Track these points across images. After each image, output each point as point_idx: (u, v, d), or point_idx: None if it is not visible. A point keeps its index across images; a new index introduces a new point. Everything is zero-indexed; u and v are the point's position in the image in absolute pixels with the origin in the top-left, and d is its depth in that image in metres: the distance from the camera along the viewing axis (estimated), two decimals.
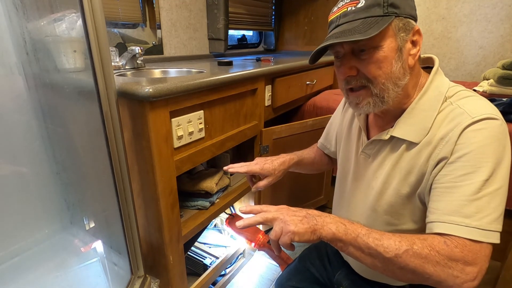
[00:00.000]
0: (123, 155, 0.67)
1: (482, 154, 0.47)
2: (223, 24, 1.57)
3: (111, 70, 0.61)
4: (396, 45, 0.53)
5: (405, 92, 0.57)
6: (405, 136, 0.57)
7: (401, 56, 0.53)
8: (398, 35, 0.52)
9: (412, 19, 0.54)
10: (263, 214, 0.53)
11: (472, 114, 0.49)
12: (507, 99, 1.32)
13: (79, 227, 0.98)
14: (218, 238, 1.42)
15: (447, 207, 0.48)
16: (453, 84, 0.58)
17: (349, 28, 0.52)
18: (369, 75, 0.54)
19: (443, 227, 0.48)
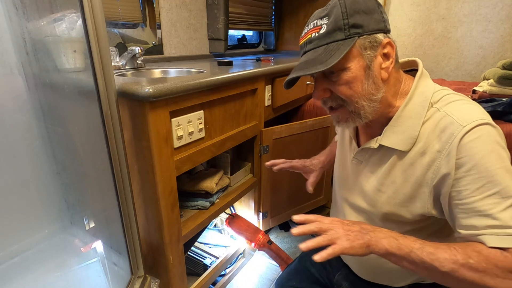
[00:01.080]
0: (123, 155, 0.67)
1: (489, 163, 0.47)
2: (223, 24, 1.57)
3: (111, 70, 0.61)
4: (364, 63, 0.53)
5: (385, 103, 0.57)
6: (393, 145, 0.57)
7: (371, 73, 0.54)
8: (365, 54, 0.53)
9: (380, 32, 0.53)
10: (318, 224, 0.52)
11: (462, 122, 0.49)
12: (507, 99, 1.32)
13: (79, 227, 0.98)
14: (218, 238, 1.42)
15: (480, 221, 0.48)
16: (438, 87, 0.57)
17: (312, 58, 0.53)
18: (342, 96, 0.55)
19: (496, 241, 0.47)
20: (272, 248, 1.24)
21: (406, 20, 2.53)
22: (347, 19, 0.52)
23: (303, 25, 2.24)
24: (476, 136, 0.48)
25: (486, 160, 0.47)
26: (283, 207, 1.47)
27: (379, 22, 0.53)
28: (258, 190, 1.32)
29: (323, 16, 0.54)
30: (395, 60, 0.55)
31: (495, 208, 0.47)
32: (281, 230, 1.67)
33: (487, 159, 0.47)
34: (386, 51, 0.54)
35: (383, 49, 0.53)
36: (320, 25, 0.54)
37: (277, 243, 1.41)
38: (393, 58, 0.54)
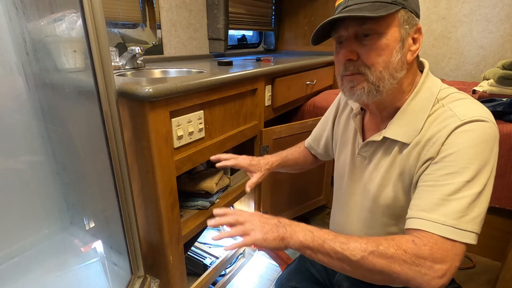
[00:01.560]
0: (123, 155, 0.67)
1: (466, 155, 0.47)
2: (223, 24, 1.57)
3: (111, 70, 0.61)
4: (399, 35, 0.53)
5: (400, 86, 0.57)
6: (396, 136, 0.57)
7: (402, 48, 0.53)
8: (402, 27, 0.53)
9: (416, 15, 0.55)
10: (235, 216, 0.54)
11: (461, 116, 0.50)
12: (507, 99, 1.32)
13: (79, 227, 0.98)
14: None
15: (425, 204, 0.49)
16: (445, 85, 0.58)
17: (358, 8, 0.52)
18: (368, 61, 0.54)
19: (417, 223, 0.48)
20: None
21: None
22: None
23: (303, 25, 2.24)
24: (468, 129, 0.48)
25: (466, 151, 0.48)
26: (283, 207, 1.47)
27: (417, 6, 0.55)
28: (258, 190, 1.32)
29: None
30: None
31: (443, 196, 0.47)
32: None
33: (467, 151, 0.47)
34: (417, 36, 0.55)
35: (415, 33, 0.55)
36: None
37: None
38: (420, 45, 0.55)
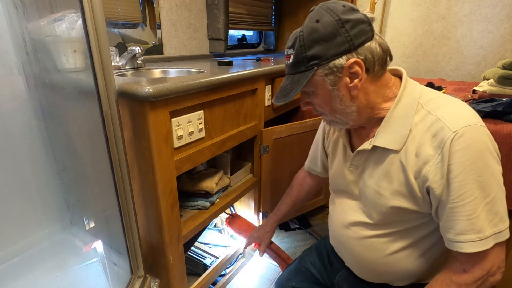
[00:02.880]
0: (123, 155, 0.67)
1: (473, 172, 0.50)
2: (223, 24, 1.57)
3: (111, 70, 0.61)
4: (328, 87, 0.57)
5: (369, 109, 0.59)
6: (385, 144, 0.58)
7: (337, 94, 0.57)
8: (327, 79, 0.56)
9: (342, 55, 0.54)
10: None
11: (452, 127, 0.51)
12: (507, 99, 1.32)
13: (79, 227, 0.98)
14: (218, 238, 1.42)
15: (458, 226, 0.53)
16: (425, 89, 0.59)
17: (283, 87, 0.61)
18: (319, 111, 0.63)
19: (462, 246, 0.53)
20: (272, 248, 1.24)
21: (406, 20, 2.53)
22: (305, 52, 0.55)
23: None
24: (465, 145, 0.50)
25: (471, 168, 0.50)
26: None
27: (341, 44, 0.53)
28: (258, 190, 1.32)
29: (290, 46, 0.58)
30: (374, 69, 0.56)
31: (470, 215, 0.51)
32: (281, 230, 1.67)
33: (472, 167, 0.50)
34: (353, 70, 0.55)
35: (349, 70, 0.55)
36: (289, 54, 0.58)
37: (277, 243, 1.41)
38: (361, 75, 0.55)
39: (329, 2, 0.56)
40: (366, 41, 0.54)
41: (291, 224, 1.71)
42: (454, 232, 0.53)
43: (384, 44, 0.56)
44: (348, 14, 0.53)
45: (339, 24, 0.52)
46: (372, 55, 0.54)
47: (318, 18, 0.54)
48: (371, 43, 0.54)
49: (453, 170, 0.51)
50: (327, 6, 0.55)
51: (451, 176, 0.51)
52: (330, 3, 0.55)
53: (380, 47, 0.55)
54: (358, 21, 0.53)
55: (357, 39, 0.53)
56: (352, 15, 0.53)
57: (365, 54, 0.54)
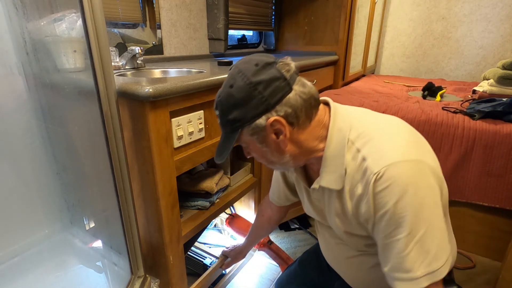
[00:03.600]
0: (123, 155, 0.67)
1: (397, 211, 0.49)
2: (223, 24, 1.57)
3: (111, 70, 0.61)
4: (256, 144, 0.57)
5: (305, 153, 0.59)
6: (329, 185, 0.59)
7: (267, 148, 0.58)
8: (253, 137, 0.56)
9: (262, 115, 0.53)
10: None
11: (374, 167, 0.51)
12: (507, 99, 1.32)
13: (79, 227, 0.98)
14: (218, 238, 1.42)
15: (391, 262, 0.53)
16: (355, 119, 0.58)
17: (219, 144, 0.61)
18: (260, 161, 0.63)
19: (394, 284, 0.53)
20: (272, 248, 1.24)
21: (406, 20, 2.53)
22: (227, 116, 0.55)
23: (303, 25, 2.24)
24: (385, 185, 0.49)
25: (396, 206, 0.49)
26: None
27: (257, 106, 0.53)
28: (258, 190, 1.32)
29: (215, 108, 0.58)
30: (299, 121, 0.55)
31: (399, 254, 0.50)
32: (281, 230, 1.67)
33: (397, 205, 0.49)
34: (276, 128, 0.54)
35: (271, 128, 0.54)
36: (217, 114, 0.58)
37: (277, 243, 1.41)
38: (285, 131, 0.54)
39: (242, 62, 0.55)
40: (284, 97, 0.53)
41: (291, 224, 1.71)
42: (388, 267, 0.53)
43: (307, 91, 0.54)
44: (260, 75, 0.52)
45: (251, 87, 0.52)
46: (292, 109, 0.53)
47: (232, 83, 0.53)
48: (289, 97, 0.53)
49: (379, 210, 0.51)
50: (239, 68, 0.54)
51: (377, 216, 0.52)
52: (242, 64, 0.54)
53: (300, 98, 0.53)
54: (271, 80, 0.52)
55: (273, 97, 0.52)
56: (264, 74, 0.52)
57: (285, 109, 0.53)
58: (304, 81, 0.56)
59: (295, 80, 0.54)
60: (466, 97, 1.67)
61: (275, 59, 0.55)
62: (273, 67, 0.53)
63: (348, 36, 1.91)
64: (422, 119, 1.34)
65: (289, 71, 0.54)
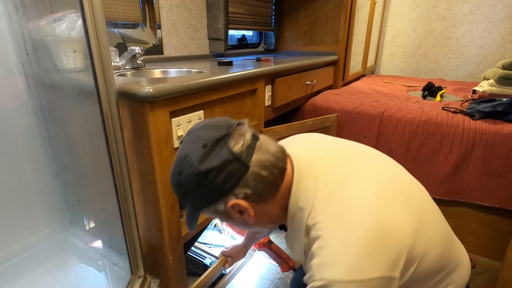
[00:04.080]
0: (123, 155, 0.67)
1: None
2: (223, 24, 1.57)
3: (111, 70, 0.61)
4: (222, 219, 0.56)
5: (271, 223, 0.58)
6: (294, 254, 0.57)
7: (235, 222, 0.55)
8: (218, 216, 0.55)
9: (217, 201, 0.49)
10: None
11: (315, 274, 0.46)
12: (507, 99, 1.32)
13: (79, 227, 0.98)
14: (218, 238, 1.42)
15: None
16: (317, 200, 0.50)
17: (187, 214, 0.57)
18: None
19: None
20: (272, 248, 1.24)
21: (406, 20, 2.53)
22: (183, 200, 0.52)
23: (303, 25, 2.24)
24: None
25: None
26: None
27: (211, 194, 0.49)
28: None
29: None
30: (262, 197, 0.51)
31: None
32: (281, 230, 1.67)
33: None
34: (238, 209, 0.51)
35: (233, 209, 0.50)
36: None
37: (277, 243, 1.41)
38: (248, 211, 0.51)
39: (189, 141, 0.49)
40: (240, 179, 0.47)
41: None
42: None
43: (268, 162, 0.49)
44: (209, 160, 0.46)
45: (201, 177, 0.46)
46: (252, 189, 0.48)
47: (180, 169, 0.48)
48: (247, 177, 0.47)
49: None
50: (186, 152, 0.48)
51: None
52: (189, 144, 0.49)
53: (260, 175, 0.48)
54: (223, 165, 0.46)
55: (227, 183, 0.47)
56: (214, 159, 0.46)
57: (243, 192, 0.48)
58: (265, 146, 0.50)
59: (252, 154, 0.48)
60: (466, 97, 1.67)
61: (228, 129, 0.48)
62: (225, 144, 0.47)
63: (348, 36, 1.91)
64: (422, 119, 1.34)
65: (244, 145, 0.48)
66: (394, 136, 1.39)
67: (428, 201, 0.57)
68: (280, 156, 0.52)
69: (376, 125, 1.44)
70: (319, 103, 1.63)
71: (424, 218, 0.51)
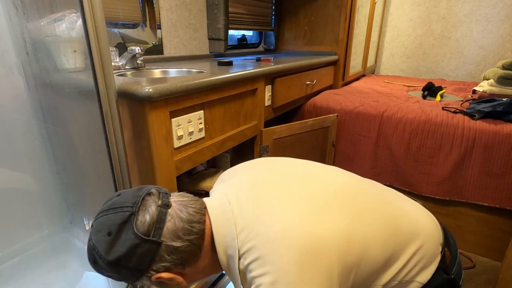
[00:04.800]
0: (123, 155, 0.67)
1: None
2: (223, 24, 1.57)
3: (111, 70, 0.61)
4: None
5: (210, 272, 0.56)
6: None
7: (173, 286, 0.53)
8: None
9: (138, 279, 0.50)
10: None
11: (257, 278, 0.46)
12: (507, 99, 1.32)
13: (79, 227, 0.98)
14: None
15: None
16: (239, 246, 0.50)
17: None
18: None
19: None
20: None
21: (406, 20, 2.53)
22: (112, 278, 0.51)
23: (303, 25, 2.24)
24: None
25: None
26: None
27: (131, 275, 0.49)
28: None
29: None
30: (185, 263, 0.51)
31: None
32: None
33: None
34: (163, 280, 0.51)
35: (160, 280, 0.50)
36: None
37: None
38: (177, 279, 0.51)
39: (95, 230, 0.48)
40: (154, 256, 0.47)
41: None
42: None
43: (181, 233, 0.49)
44: (115, 249, 0.46)
45: (113, 265, 0.47)
46: (169, 262, 0.49)
47: (93, 259, 0.49)
48: (161, 253, 0.48)
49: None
50: (93, 243, 0.48)
51: None
52: (95, 234, 0.48)
53: (174, 247, 0.48)
54: (131, 250, 0.46)
55: (142, 263, 0.47)
56: (121, 246, 0.46)
57: (163, 265, 0.48)
58: (177, 213, 0.50)
59: (162, 227, 0.48)
60: (466, 97, 1.67)
61: (133, 207, 0.48)
62: (130, 227, 0.46)
63: (348, 36, 1.91)
64: (422, 119, 1.34)
65: (150, 222, 0.47)
66: (394, 136, 1.39)
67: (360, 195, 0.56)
68: (195, 218, 0.51)
69: (376, 125, 1.44)
70: (319, 103, 1.63)
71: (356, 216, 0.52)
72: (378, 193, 0.60)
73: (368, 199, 0.57)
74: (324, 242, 0.47)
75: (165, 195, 0.52)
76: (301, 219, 0.48)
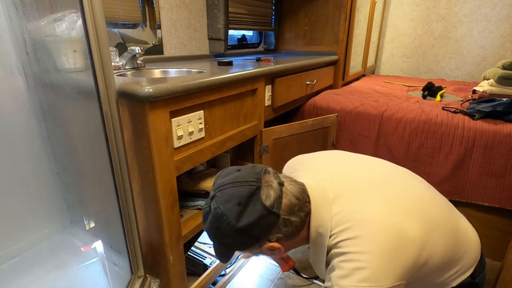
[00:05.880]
0: (123, 155, 0.67)
1: None
2: (223, 24, 1.57)
3: (111, 70, 0.61)
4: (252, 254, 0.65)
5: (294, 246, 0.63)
6: (317, 273, 0.63)
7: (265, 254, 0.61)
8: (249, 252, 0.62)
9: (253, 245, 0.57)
10: None
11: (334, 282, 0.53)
12: (507, 99, 1.32)
13: (79, 227, 0.98)
14: None
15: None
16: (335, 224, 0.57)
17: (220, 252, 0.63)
18: None
19: None
20: None
21: (406, 20, 2.53)
22: (219, 245, 0.59)
23: (303, 25, 2.24)
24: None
25: None
26: None
27: (249, 242, 0.56)
28: None
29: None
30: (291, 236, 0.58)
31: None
32: None
33: None
34: (271, 249, 0.58)
35: (265, 248, 0.58)
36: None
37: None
38: (280, 250, 0.58)
39: (224, 200, 0.54)
40: (273, 227, 0.54)
41: None
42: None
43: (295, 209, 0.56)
44: (245, 217, 0.53)
45: (239, 232, 0.53)
46: (283, 233, 0.56)
47: (217, 226, 0.54)
48: (278, 225, 0.55)
49: None
50: (222, 211, 0.54)
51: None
52: (224, 203, 0.54)
53: (289, 221, 0.55)
54: (258, 220, 0.53)
55: (263, 233, 0.55)
56: (249, 216, 0.52)
57: (276, 236, 0.56)
58: (290, 190, 0.56)
59: (281, 202, 0.54)
60: (466, 97, 1.67)
61: (257, 182, 0.54)
62: (258, 199, 0.53)
63: (348, 36, 1.91)
64: (422, 119, 1.34)
65: (274, 196, 0.54)
66: (394, 136, 1.39)
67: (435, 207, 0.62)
68: (303, 197, 0.58)
69: (376, 125, 1.44)
70: (319, 103, 1.63)
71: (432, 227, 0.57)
72: (447, 209, 0.66)
73: (440, 215, 0.62)
74: (409, 240, 0.53)
75: (277, 174, 0.59)
76: (393, 216, 0.54)
